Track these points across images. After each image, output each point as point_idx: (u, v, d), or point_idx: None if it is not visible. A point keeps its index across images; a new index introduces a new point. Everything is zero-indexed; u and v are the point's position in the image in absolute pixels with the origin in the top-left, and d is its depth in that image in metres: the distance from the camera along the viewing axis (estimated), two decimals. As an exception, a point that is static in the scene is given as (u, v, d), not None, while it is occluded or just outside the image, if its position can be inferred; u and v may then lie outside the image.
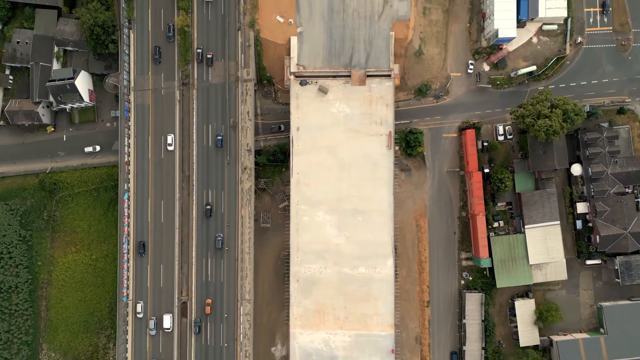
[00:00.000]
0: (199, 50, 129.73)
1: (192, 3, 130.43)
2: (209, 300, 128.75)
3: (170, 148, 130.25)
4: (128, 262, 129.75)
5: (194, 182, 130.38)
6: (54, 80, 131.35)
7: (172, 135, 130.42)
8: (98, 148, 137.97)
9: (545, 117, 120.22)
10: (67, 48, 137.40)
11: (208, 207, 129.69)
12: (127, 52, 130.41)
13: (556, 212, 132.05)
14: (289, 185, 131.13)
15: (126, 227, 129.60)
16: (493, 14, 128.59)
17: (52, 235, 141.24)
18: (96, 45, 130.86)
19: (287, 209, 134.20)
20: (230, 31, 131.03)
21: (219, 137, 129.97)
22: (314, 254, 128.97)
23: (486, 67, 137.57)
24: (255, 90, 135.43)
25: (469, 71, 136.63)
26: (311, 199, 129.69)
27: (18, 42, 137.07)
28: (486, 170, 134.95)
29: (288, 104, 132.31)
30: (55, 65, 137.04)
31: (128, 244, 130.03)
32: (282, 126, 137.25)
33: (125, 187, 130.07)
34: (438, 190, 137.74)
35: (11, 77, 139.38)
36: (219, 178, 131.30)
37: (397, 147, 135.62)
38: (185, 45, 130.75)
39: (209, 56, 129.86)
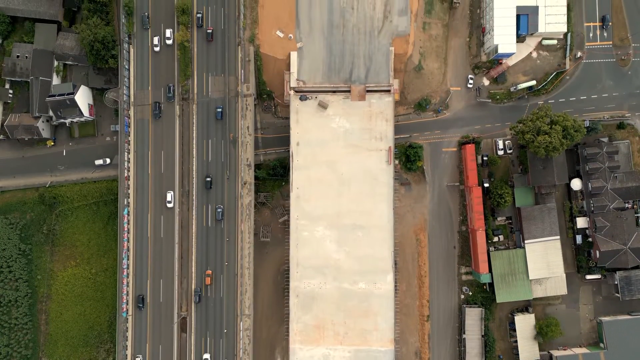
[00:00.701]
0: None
1: (192, 18, 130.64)
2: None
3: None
4: (128, 277, 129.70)
5: (194, 197, 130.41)
6: (53, 96, 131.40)
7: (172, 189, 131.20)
8: (108, 161, 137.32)
9: (544, 133, 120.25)
10: (67, 62, 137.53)
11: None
12: (127, 67, 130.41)
13: (556, 227, 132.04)
14: (289, 199, 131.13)
15: (126, 242, 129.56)
16: (493, 30, 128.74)
17: (52, 249, 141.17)
18: (96, 60, 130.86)
19: (286, 223, 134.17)
20: (230, 46, 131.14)
21: (219, 110, 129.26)
22: (313, 269, 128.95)
23: (486, 82, 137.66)
24: (255, 104, 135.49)
25: (469, 86, 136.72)
26: (311, 214, 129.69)
27: (18, 56, 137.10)
28: (486, 185, 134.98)
29: (288, 118, 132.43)
30: (55, 80, 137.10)
31: (128, 259, 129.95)
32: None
33: (125, 202, 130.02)
34: (438, 205, 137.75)
35: (11, 91, 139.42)
36: (219, 193, 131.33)
37: (396, 161, 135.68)
38: (185, 60, 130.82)
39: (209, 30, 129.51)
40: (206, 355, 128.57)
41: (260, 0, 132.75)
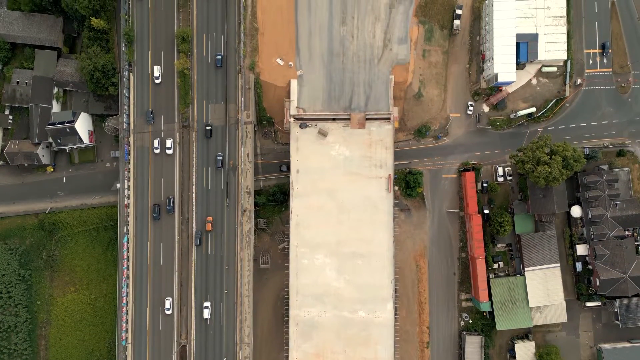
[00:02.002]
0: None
1: (192, 45, 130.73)
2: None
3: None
4: (127, 305, 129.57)
5: (193, 225, 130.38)
6: (53, 124, 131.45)
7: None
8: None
9: (544, 163, 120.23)
10: (67, 88, 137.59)
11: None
12: (127, 94, 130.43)
13: (556, 254, 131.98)
14: (289, 225, 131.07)
15: (125, 270, 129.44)
16: (492, 58, 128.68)
17: (52, 275, 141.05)
18: (96, 88, 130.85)
19: (286, 249, 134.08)
20: (230, 74, 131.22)
21: (218, 57, 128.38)
22: (313, 298, 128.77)
23: (486, 108, 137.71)
24: (255, 130, 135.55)
25: (469, 112, 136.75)
26: (311, 241, 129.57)
27: (18, 83, 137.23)
28: (486, 212, 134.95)
29: (288, 144, 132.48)
30: (55, 106, 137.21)
31: (127, 287, 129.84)
32: (282, 167, 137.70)
33: (125, 230, 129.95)
34: (438, 231, 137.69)
35: (11, 117, 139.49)
36: (219, 220, 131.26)
37: (396, 188, 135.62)
38: (185, 88, 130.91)
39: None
40: None
41: (260, 28, 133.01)
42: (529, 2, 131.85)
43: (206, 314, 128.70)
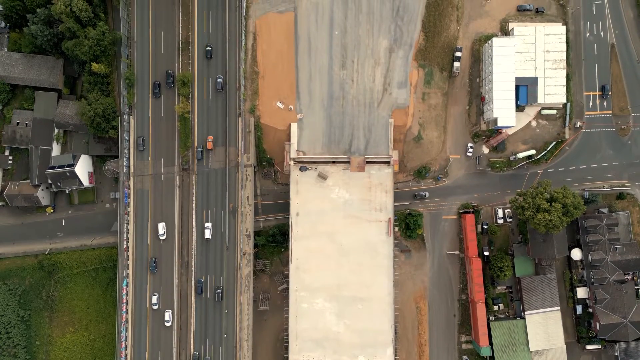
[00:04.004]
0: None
1: (192, 89, 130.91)
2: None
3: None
4: (126, 349, 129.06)
5: (193, 269, 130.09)
6: (53, 167, 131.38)
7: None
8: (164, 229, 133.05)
9: (544, 211, 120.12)
10: (67, 129, 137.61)
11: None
12: (127, 137, 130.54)
13: (556, 297, 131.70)
14: (288, 267, 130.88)
15: (124, 314, 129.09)
16: (492, 102, 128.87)
17: (51, 315, 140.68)
18: (97, 131, 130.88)
19: (286, 290, 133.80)
20: (230, 117, 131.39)
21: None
22: (313, 342, 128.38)
23: (485, 150, 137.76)
24: (255, 171, 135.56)
25: (468, 154, 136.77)
26: (310, 285, 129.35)
27: (18, 124, 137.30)
28: (486, 253, 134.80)
29: (288, 185, 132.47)
30: (55, 147, 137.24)
31: (126, 331, 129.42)
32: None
33: (124, 274, 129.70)
34: (438, 273, 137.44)
35: (10, 158, 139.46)
36: (218, 264, 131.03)
37: (396, 229, 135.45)
38: (185, 131, 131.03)
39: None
40: None
41: (261, 71, 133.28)
42: (528, 46, 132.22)
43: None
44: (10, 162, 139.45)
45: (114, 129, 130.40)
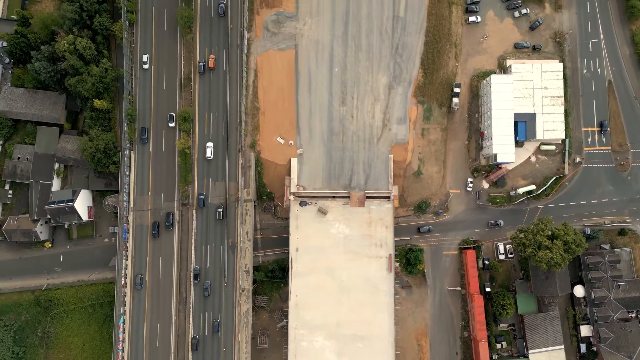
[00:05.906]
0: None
1: (193, 125, 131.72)
2: None
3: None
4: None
5: (191, 305, 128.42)
6: (53, 203, 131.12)
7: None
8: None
9: (546, 248, 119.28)
10: (68, 164, 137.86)
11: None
12: (127, 173, 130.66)
13: (560, 335, 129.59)
14: (287, 303, 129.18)
15: (120, 353, 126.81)
16: (491, 138, 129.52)
17: (46, 352, 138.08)
18: (97, 166, 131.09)
19: (285, 327, 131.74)
20: (231, 152, 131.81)
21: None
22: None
23: (485, 185, 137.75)
24: (254, 205, 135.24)
25: (468, 189, 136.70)
26: (310, 323, 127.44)
27: (19, 158, 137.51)
28: (487, 290, 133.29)
29: (287, 219, 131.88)
30: (55, 182, 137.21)
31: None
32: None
33: (121, 311, 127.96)
34: (439, 309, 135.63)
35: (10, 192, 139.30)
36: (216, 300, 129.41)
37: (397, 264, 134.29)
38: (185, 166, 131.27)
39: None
40: None
41: (261, 107, 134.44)
42: (526, 82, 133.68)
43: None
44: (9, 196, 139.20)
45: (114, 164, 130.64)
